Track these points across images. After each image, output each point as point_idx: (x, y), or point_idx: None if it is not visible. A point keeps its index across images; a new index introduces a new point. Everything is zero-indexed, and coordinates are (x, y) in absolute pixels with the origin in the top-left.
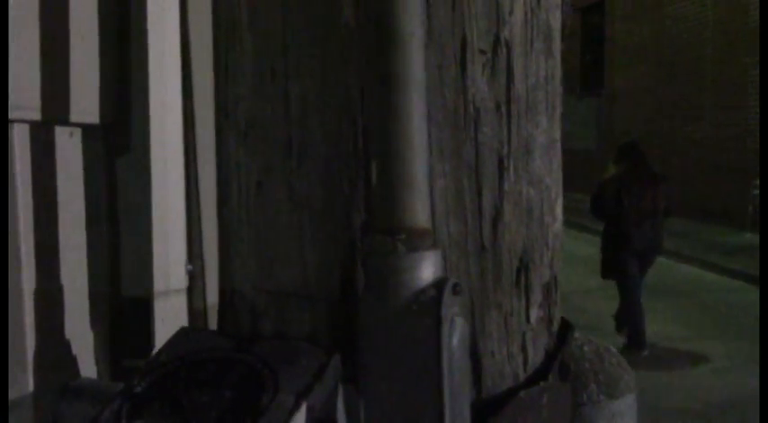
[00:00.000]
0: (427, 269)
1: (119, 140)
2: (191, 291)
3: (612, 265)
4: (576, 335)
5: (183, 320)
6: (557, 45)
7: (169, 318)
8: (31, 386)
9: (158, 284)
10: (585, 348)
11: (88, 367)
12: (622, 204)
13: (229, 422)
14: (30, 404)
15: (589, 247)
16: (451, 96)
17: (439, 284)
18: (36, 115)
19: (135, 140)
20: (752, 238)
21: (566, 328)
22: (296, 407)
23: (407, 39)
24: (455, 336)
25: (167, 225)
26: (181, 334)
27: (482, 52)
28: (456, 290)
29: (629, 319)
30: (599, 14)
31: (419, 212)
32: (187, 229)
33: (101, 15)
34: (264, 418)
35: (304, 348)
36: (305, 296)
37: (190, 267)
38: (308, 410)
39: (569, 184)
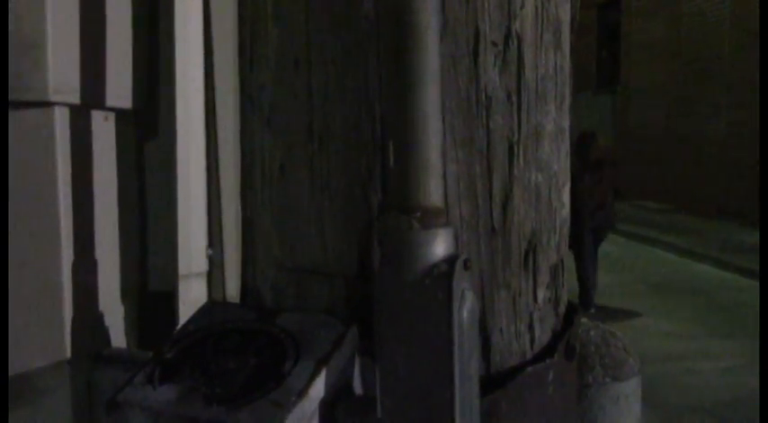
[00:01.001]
0: (440, 246)
1: (148, 126)
2: (210, 275)
3: (571, 239)
4: (584, 320)
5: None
6: (566, 38)
7: (190, 300)
8: (68, 352)
9: (181, 268)
10: (592, 333)
11: (119, 338)
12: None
13: (254, 386)
14: (66, 370)
15: (605, 244)
16: (465, 85)
17: (451, 260)
18: (75, 99)
19: (162, 126)
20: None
21: (572, 310)
22: (316, 372)
23: (424, 31)
24: (465, 308)
25: (189, 210)
26: (207, 306)
27: (494, 44)
28: (467, 265)
29: (580, 283)
30: (615, 11)
31: (433, 192)
32: (208, 214)
33: (134, 1)
34: (287, 382)
35: (324, 320)
36: (324, 273)
37: (210, 252)
38: (327, 376)
39: None
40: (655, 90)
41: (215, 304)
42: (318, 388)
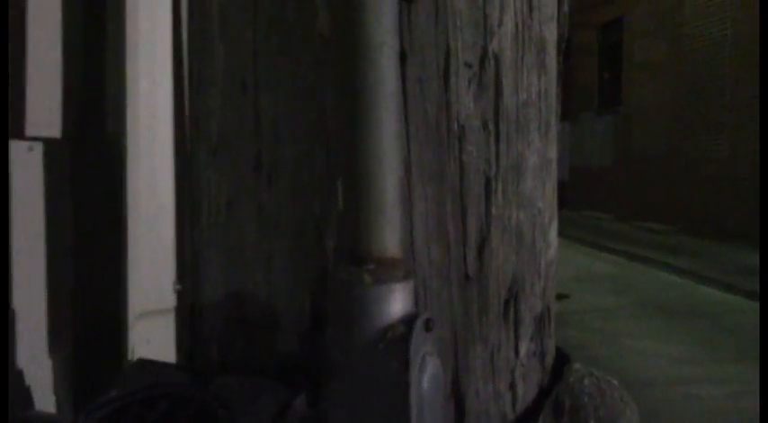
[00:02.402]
0: (397, 303)
1: (87, 156)
2: (180, 310)
3: None
4: (577, 366)
5: (170, 341)
6: (551, 59)
7: (156, 338)
8: None
9: (142, 305)
10: (586, 381)
11: (46, 397)
12: None
13: None
14: None
15: (607, 266)
16: (433, 112)
17: (409, 320)
18: None
19: (108, 156)
20: None
21: (562, 360)
22: None
23: (378, 49)
24: (425, 378)
25: (154, 243)
26: (136, 366)
27: (468, 65)
28: (429, 326)
29: None
30: (617, 32)
31: (389, 240)
32: (177, 247)
33: (65, 29)
34: None
35: (266, 385)
36: (274, 326)
37: (179, 287)
38: None
39: (587, 202)
40: (657, 110)
41: (145, 364)
42: None
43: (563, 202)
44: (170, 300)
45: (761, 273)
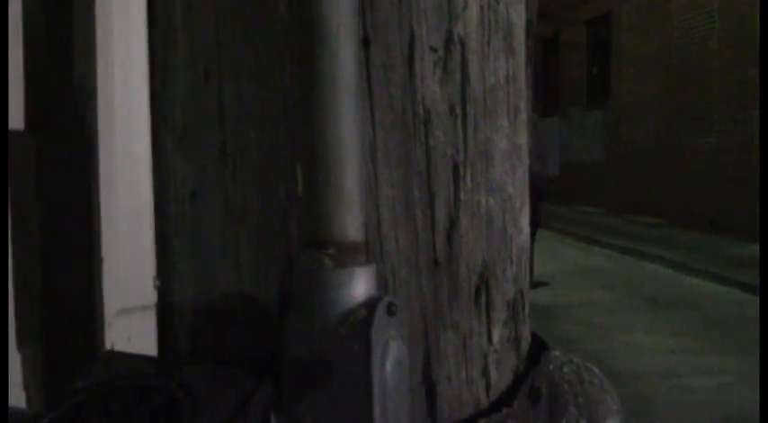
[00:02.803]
0: (359, 287)
1: (53, 148)
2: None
3: None
4: (557, 354)
5: (151, 337)
6: (520, 44)
7: (136, 335)
8: None
9: (121, 301)
10: (565, 369)
11: (15, 393)
12: None
13: None
14: None
15: (599, 260)
16: (399, 98)
17: (371, 305)
18: None
19: (76, 148)
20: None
21: (538, 347)
22: None
23: (334, 33)
24: (388, 362)
25: (134, 238)
26: (104, 358)
27: (433, 50)
28: (391, 310)
29: None
30: (605, 26)
31: (349, 225)
32: (157, 241)
33: (26, 19)
34: None
35: (231, 375)
36: (242, 315)
37: (158, 283)
38: None
39: (578, 197)
40: (646, 104)
41: (111, 355)
42: None
43: (551, 197)
44: (151, 296)
45: (761, 265)
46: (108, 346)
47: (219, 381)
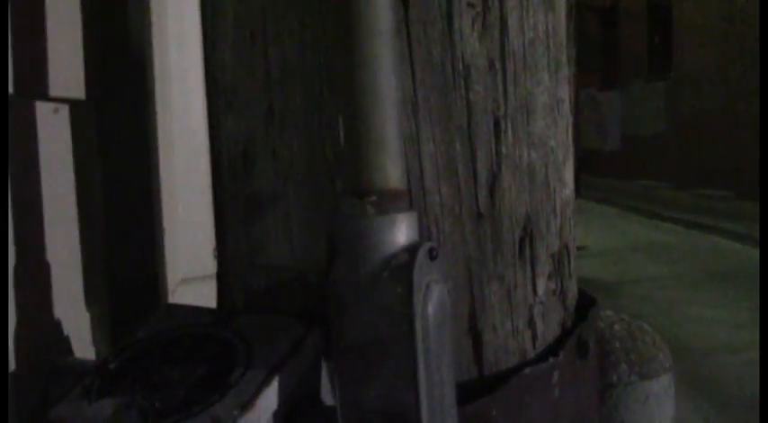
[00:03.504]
0: (401, 233)
1: (113, 117)
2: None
3: None
4: (609, 313)
5: (212, 305)
6: None
7: (198, 303)
8: (12, 364)
9: (183, 271)
10: (616, 327)
11: (86, 347)
12: None
13: (197, 398)
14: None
15: (664, 235)
16: (438, 53)
17: (413, 249)
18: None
19: (135, 116)
20: None
21: (587, 302)
22: (267, 381)
23: None
24: (430, 304)
25: (192, 208)
26: (163, 310)
27: (471, 5)
28: (432, 255)
29: None
30: None
31: (390, 173)
32: (214, 200)
33: None
34: (232, 393)
35: (284, 322)
36: (294, 269)
37: (217, 252)
38: (282, 385)
39: (641, 171)
40: (710, 74)
41: (171, 308)
42: (269, 398)
43: (613, 172)
44: (211, 266)
45: (761, 235)
46: None
47: (272, 327)
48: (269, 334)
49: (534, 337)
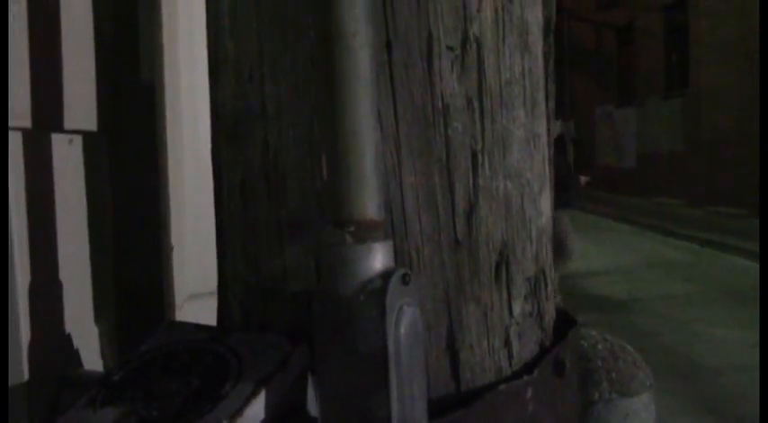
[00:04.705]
0: (377, 260)
1: (123, 147)
2: None
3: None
4: (593, 333)
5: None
6: (536, 40)
7: (204, 318)
8: (26, 375)
9: (190, 288)
10: (599, 346)
11: (94, 360)
12: None
13: (191, 408)
14: (24, 393)
15: (679, 253)
16: (419, 93)
17: (386, 275)
18: (27, 123)
19: (144, 146)
20: None
21: (567, 323)
22: (255, 393)
23: (351, 37)
24: (403, 325)
25: (201, 228)
26: (165, 327)
27: (450, 49)
28: (406, 280)
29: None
30: (682, 11)
31: (368, 206)
32: (216, 224)
33: (96, 21)
34: (223, 404)
35: (273, 339)
36: (286, 289)
37: None
38: (269, 397)
39: (657, 188)
40: (726, 91)
41: (172, 324)
42: (257, 409)
43: (630, 189)
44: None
45: (761, 244)
46: None
47: (262, 344)
48: (259, 350)
49: (510, 356)
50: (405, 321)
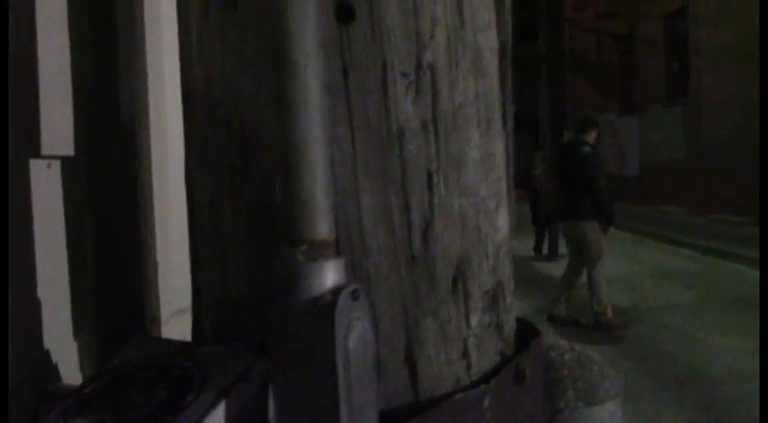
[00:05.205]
0: (327, 277)
1: (100, 170)
2: None
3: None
4: (561, 343)
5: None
6: (490, 64)
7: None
8: (7, 389)
9: (176, 303)
10: (566, 356)
11: (73, 375)
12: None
13: (155, 418)
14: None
15: (681, 261)
16: (375, 118)
17: (337, 291)
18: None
19: (122, 169)
20: None
21: (530, 334)
22: (214, 404)
23: (303, 68)
24: (352, 338)
25: (184, 245)
26: (136, 341)
27: (404, 75)
28: (355, 296)
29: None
30: (682, 21)
31: (319, 227)
32: (190, 242)
33: (73, 49)
34: (184, 414)
35: (237, 352)
36: (253, 304)
37: None
38: (230, 407)
39: (660, 196)
40: (727, 100)
41: (144, 339)
42: (217, 418)
43: (633, 196)
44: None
45: (761, 249)
46: None
47: (226, 356)
48: (222, 362)
49: (469, 366)
50: (354, 334)
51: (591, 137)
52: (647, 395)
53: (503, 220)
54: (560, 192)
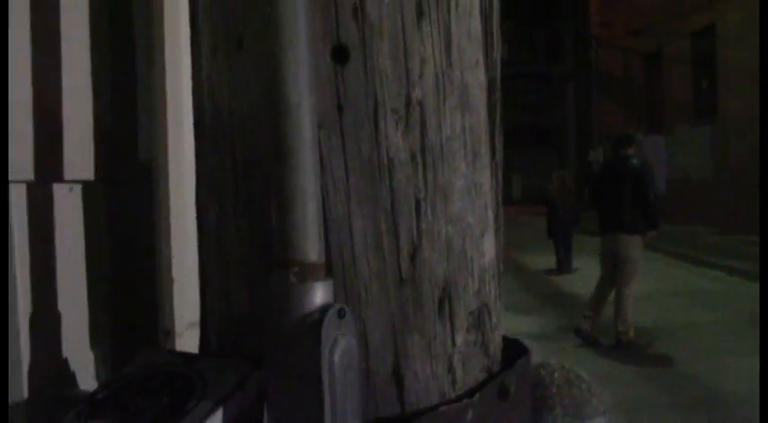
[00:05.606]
0: (316, 297)
1: (119, 194)
2: None
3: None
4: (551, 362)
5: None
6: (477, 99)
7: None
8: (25, 394)
9: (191, 316)
10: (556, 375)
11: (89, 382)
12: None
13: (159, 421)
14: (23, 410)
15: (706, 281)
16: (367, 149)
17: (324, 309)
18: (29, 176)
19: (140, 193)
20: None
21: (517, 352)
22: (213, 411)
23: (296, 108)
24: (337, 353)
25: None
26: (145, 352)
27: (395, 111)
28: (341, 314)
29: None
30: (710, 39)
31: (309, 251)
32: (199, 262)
33: (94, 69)
34: (187, 418)
35: (236, 364)
36: (253, 320)
37: None
38: (227, 414)
39: (687, 216)
40: (756, 118)
41: (152, 351)
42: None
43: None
44: None
45: (761, 255)
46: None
47: (225, 368)
48: (222, 373)
49: (454, 381)
50: (339, 350)
51: (632, 151)
52: (662, 413)
53: (488, 245)
54: (601, 207)
